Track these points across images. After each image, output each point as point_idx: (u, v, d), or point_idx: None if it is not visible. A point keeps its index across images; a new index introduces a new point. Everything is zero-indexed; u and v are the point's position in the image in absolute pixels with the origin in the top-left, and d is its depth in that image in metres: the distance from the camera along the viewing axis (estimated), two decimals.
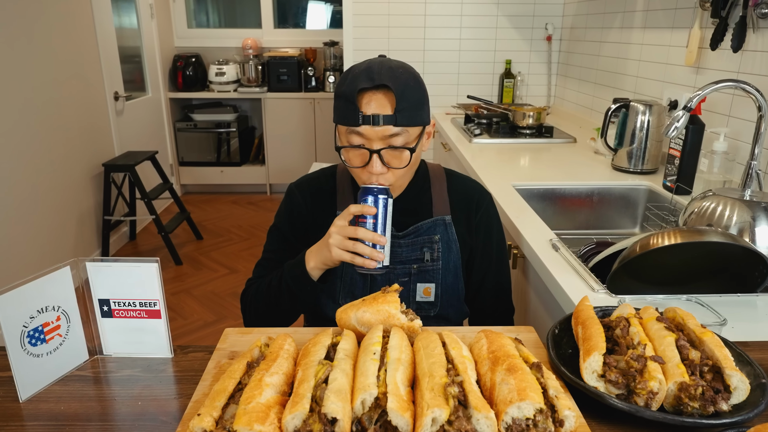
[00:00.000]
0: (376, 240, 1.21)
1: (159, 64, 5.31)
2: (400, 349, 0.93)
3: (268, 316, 1.41)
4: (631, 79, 2.84)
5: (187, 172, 5.72)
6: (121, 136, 4.52)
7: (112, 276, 1.04)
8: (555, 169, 2.42)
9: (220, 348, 1.09)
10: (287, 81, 5.49)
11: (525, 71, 4.08)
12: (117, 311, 1.07)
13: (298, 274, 1.33)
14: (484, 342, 0.97)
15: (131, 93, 4.76)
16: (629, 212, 2.20)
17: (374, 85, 1.23)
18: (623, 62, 2.93)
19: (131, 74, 4.87)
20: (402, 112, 1.23)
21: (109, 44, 4.38)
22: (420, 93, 1.28)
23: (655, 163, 2.31)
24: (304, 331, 1.15)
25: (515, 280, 1.83)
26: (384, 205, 1.22)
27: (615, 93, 3.00)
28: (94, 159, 4.11)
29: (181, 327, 3.40)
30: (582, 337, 0.98)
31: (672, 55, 2.46)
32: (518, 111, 3.12)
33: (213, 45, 5.76)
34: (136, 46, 5.00)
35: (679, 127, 1.63)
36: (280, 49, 5.74)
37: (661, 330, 0.96)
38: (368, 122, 1.23)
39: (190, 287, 3.90)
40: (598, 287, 1.31)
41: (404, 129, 1.25)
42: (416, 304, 1.44)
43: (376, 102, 1.23)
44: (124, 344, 1.09)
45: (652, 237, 1.28)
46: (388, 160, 1.27)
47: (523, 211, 1.86)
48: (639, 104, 2.28)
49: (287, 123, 5.57)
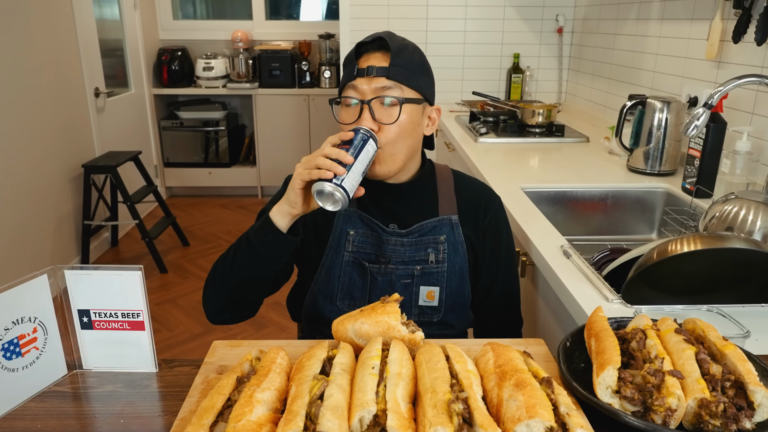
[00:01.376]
0: (341, 156, 1.19)
1: (143, 58, 5.32)
2: (401, 362, 0.93)
3: (224, 281, 1.35)
4: (648, 74, 2.84)
5: (173, 173, 5.72)
6: (102, 135, 4.52)
7: (92, 285, 1.04)
8: (566, 171, 2.42)
9: (208, 362, 1.09)
10: (280, 76, 5.50)
11: (534, 66, 4.09)
12: (98, 322, 1.07)
13: (262, 223, 1.29)
14: (491, 355, 0.97)
15: (113, 89, 4.76)
16: (646, 217, 2.21)
17: (372, 39, 1.34)
18: (639, 56, 2.94)
19: (113, 69, 4.88)
20: (396, 68, 1.32)
21: (90, 37, 4.39)
22: (420, 60, 1.37)
23: (673, 164, 2.32)
24: (297, 344, 1.16)
25: (524, 290, 1.83)
26: (363, 139, 1.24)
27: (631, 89, 3.01)
28: (73, 160, 4.12)
29: (167, 339, 3.39)
30: (595, 351, 0.99)
31: (691, 49, 2.47)
32: (527, 108, 3.12)
33: (200, 38, 5.77)
34: (118, 38, 5.01)
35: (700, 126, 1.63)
36: (272, 42, 5.75)
37: (680, 343, 0.97)
38: (362, 74, 1.32)
39: (176, 297, 3.90)
40: (612, 297, 1.32)
41: (398, 85, 1.32)
42: (418, 308, 1.44)
43: (373, 58, 1.34)
44: (105, 358, 1.09)
45: (670, 243, 1.28)
46: (379, 115, 1.32)
47: (533, 215, 1.87)
48: (656, 101, 2.29)
49: (280, 121, 5.58)
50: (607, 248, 1.76)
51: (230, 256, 1.34)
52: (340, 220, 1.44)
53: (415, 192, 1.46)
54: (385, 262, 1.42)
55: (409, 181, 1.46)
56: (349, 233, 1.44)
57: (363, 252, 1.43)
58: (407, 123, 1.34)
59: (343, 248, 1.44)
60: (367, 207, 1.45)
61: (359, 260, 1.43)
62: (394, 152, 1.36)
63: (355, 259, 1.43)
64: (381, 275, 1.42)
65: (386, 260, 1.42)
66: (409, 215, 1.44)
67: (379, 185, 1.44)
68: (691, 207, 1.98)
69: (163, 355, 3.11)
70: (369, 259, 1.43)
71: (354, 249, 1.43)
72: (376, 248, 1.43)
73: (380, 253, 1.43)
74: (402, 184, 1.45)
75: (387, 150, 1.34)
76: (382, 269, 1.42)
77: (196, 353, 3.23)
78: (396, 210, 1.45)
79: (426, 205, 1.46)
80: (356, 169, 1.21)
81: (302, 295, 1.51)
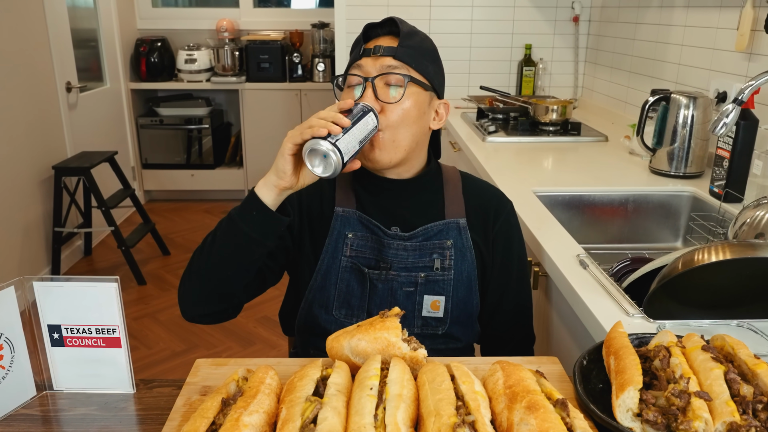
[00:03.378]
0: (337, 119, 1.19)
1: (119, 50, 5.33)
2: (402, 383, 0.93)
3: (202, 265, 1.31)
4: (672, 67, 2.85)
5: (152, 176, 5.73)
6: (74, 133, 4.53)
7: (63, 298, 1.05)
8: (583, 173, 2.43)
9: (190, 382, 1.09)
10: (269, 69, 5.52)
11: (548, 58, 4.10)
12: (70, 339, 1.07)
13: (246, 198, 1.28)
14: (500, 375, 0.97)
15: (86, 83, 4.77)
16: (670, 223, 2.21)
17: (382, 21, 1.40)
18: (663, 47, 2.95)
19: (86, 61, 4.89)
20: (405, 49, 1.36)
21: (61, 26, 4.40)
22: (430, 47, 1.43)
23: (700, 165, 2.32)
24: (288, 363, 1.16)
25: (536, 303, 1.83)
26: (363, 110, 1.26)
27: (653, 83, 3.01)
28: (42, 161, 4.12)
29: (145, 357, 3.39)
30: (615, 370, 0.99)
31: (720, 39, 2.47)
32: (540, 104, 3.13)
33: (182, 27, 5.78)
34: (92, 28, 5.02)
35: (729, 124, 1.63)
36: (260, 31, 5.77)
37: (707, 361, 0.97)
38: (368, 54, 1.37)
39: (156, 311, 3.89)
40: (633, 311, 1.32)
41: (405, 66, 1.36)
42: (422, 319, 1.44)
43: (381, 40, 1.39)
44: (77, 378, 1.09)
45: (696, 252, 1.28)
46: (383, 95, 1.35)
47: (546, 221, 1.87)
48: (681, 96, 2.29)
49: (269, 118, 5.59)
50: (627, 258, 1.76)
51: (209, 238, 1.32)
52: (338, 221, 1.44)
53: (420, 191, 1.46)
54: (386, 268, 1.42)
55: (413, 177, 1.46)
56: (348, 236, 1.44)
57: (362, 257, 1.44)
58: (412, 107, 1.36)
59: (341, 252, 1.44)
60: (367, 207, 1.46)
61: (358, 266, 1.43)
62: (396, 138, 1.37)
63: (353, 264, 1.43)
64: (381, 282, 1.42)
65: (387, 266, 1.42)
66: (412, 217, 1.44)
67: (379, 182, 1.44)
68: (719, 212, 1.99)
69: (141, 374, 3.11)
70: (368, 264, 1.43)
71: (352, 253, 1.44)
72: (376, 253, 1.43)
73: (381, 259, 1.43)
74: (405, 181, 1.45)
75: (389, 134, 1.35)
76: (382, 276, 1.42)
77: (177, 373, 3.23)
78: (398, 211, 1.45)
79: (431, 207, 1.46)
80: (353, 135, 1.21)
81: (295, 306, 1.51)
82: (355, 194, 1.47)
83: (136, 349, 3.45)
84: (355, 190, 1.48)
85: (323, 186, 1.48)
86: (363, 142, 1.25)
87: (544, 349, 1.81)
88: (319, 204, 1.48)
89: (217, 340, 3.55)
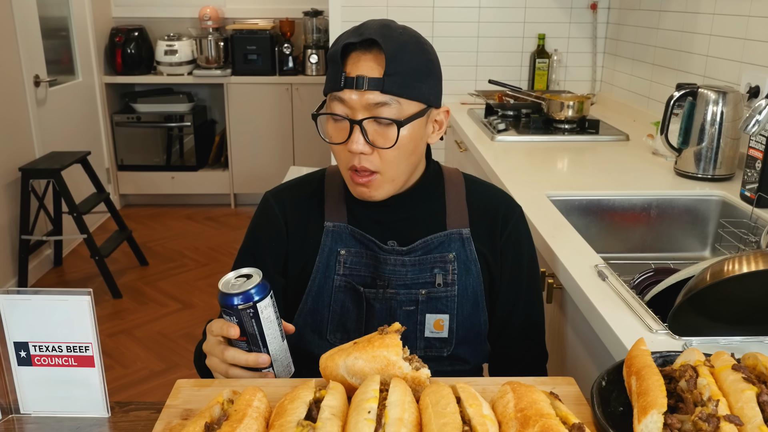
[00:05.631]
0: (251, 362, 1.20)
1: (92, 40, 5.33)
2: (403, 406, 0.93)
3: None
4: (700, 58, 2.86)
5: (129, 178, 5.73)
6: (43, 132, 4.53)
7: (31, 312, 1.05)
8: (601, 175, 2.43)
9: (170, 405, 1.09)
10: (257, 62, 5.52)
11: (563, 49, 4.11)
12: (38, 358, 1.07)
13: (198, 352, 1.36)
14: (511, 397, 0.97)
15: (56, 77, 4.77)
16: (697, 230, 2.21)
17: (361, 39, 1.29)
18: (689, 37, 2.96)
19: (57, 53, 4.89)
20: (392, 77, 1.28)
21: (28, 14, 4.40)
22: (422, 61, 1.33)
23: (730, 167, 2.32)
24: (278, 383, 1.16)
25: (550, 318, 1.83)
26: (253, 316, 1.17)
27: (679, 77, 3.02)
28: (8, 162, 4.12)
29: (121, 378, 3.38)
30: (637, 391, 0.99)
31: (752, 28, 2.48)
32: (554, 100, 3.14)
33: (161, 15, 5.78)
34: (63, 16, 5.03)
35: (762, 121, 1.64)
36: (247, 20, 5.78)
37: (738, 382, 0.97)
38: (351, 86, 1.29)
39: (132, 327, 3.89)
40: (656, 327, 1.32)
41: (395, 99, 1.29)
42: (425, 340, 1.44)
43: (364, 63, 1.30)
44: (47, 400, 1.09)
45: (726, 262, 1.29)
46: (373, 137, 1.31)
47: (561, 228, 1.87)
48: (710, 91, 2.30)
49: (257, 115, 5.59)
50: (650, 268, 1.76)
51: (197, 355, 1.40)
52: (328, 237, 1.44)
53: (419, 201, 1.46)
54: (383, 286, 1.42)
55: (410, 188, 1.46)
56: (340, 253, 1.44)
57: (357, 275, 1.44)
58: (407, 142, 1.34)
59: (333, 271, 1.44)
60: (360, 220, 1.45)
61: (352, 285, 1.43)
62: (395, 176, 1.37)
63: (347, 283, 1.43)
64: (379, 302, 1.42)
65: (384, 284, 1.42)
66: (410, 229, 1.44)
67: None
68: (751, 219, 1.99)
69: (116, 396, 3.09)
70: (364, 283, 1.43)
71: (346, 272, 1.44)
72: (372, 270, 1.43)
73: (377, 276, 1.43)
74: (401, 194, 1.45)
75: (384, 175, 1.35)
76: (379, 295, 1.42)
77: (156, 394, 3.22)
78: (395, 223, 1.45)
79: (431, 217, 1.46)
80: (274, 350, 1.21)
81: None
82: (347, 206, 1.47)
83: (111, 368, 3.44)
84: (347, 201, 1.47)
85: (311, 198, 1.49)
86: (281, 328, 1.23)
87: (559, 369, 1.81)
88: (307, 219, 1.48)
89: None
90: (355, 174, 1.35)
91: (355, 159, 1.32)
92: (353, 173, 1.35)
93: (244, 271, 1.20)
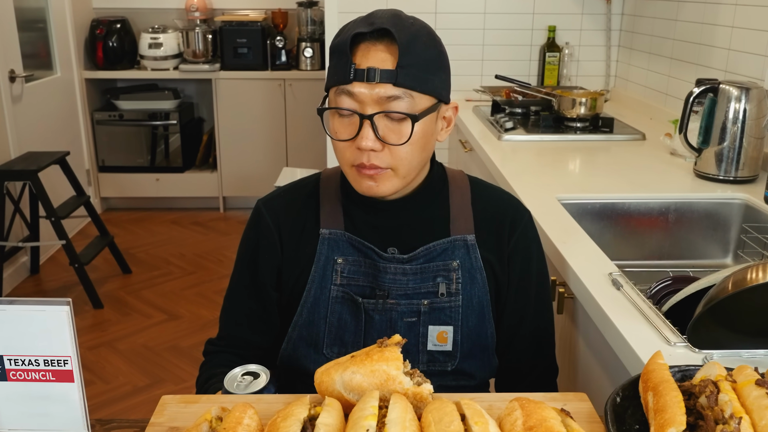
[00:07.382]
0: None
1: (71, 33, 5.33)
2: (403, 424, 0.93)
3: None
4: (721, 52, 2.86)
5: (110, 180, 5.73)
6: (18, 130, 4.53)
7: (6, 323, 1.05)
8: (616, 177, 2.43)
9: (155, 423, 1.09)
10: (247, 55, 5.53)
11: (575, 42, 4.11)
12: (13, 372, 1.07)
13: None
14: (519, 414, 0.97)
15: (33, 72, 4.77)
16: (718, 236, 2.21)
17: (373, 29, 1.29)
18: (710, 30, 2.96)
19: (33, 46, 4.90)
20: (406, 69, 1.28)
21: (3, 6, 4.40)
22: (435, 53, 1.34)
23: (753, 168, 2.32)
24: (270, 400, 1.16)
25: (561, 329, 1.83)
26: None
27: (699, 72, 3.02)
28: None
29: (102, 394, 3.38)
30: (653, 408, 0.99)
31: None
32: (565, 97, 3.14)
33: (145, 6, 5.79)
34: (40, 7, 5.03)
35: None
36: (237, 11, 5.78)
37: (762, 398, 0.97)
38: (361, 78, 1.28)
39: (114, 339, 3.89)
40: (675, 339, 1.32)
41: (407, 93, 1.29)
42: (428, 354, 1.44)
43: (374, 54, 1.30)
44: (23, 417, 1.09)
45: (749, 270, 1.29)
46: (384, 133, 1.31)
47: (572, 234, 1.88)
48: (732, 87, 2.30)
49: (248, 113, 5.59)
50: (668, 276, 1.76)
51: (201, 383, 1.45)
52: (324, 245, 1.44)
53: (421, 206, 1.46)
54: (383, 297, 1.42)
55: (412, 192, 1.46)
56: (337, 261, 1.44)
57: (355, 284, 1.44)
58: (420, 138, 1.34)
59: (330, 281, 1.44)
60: (358, 227, 1.45)
61: (350, 295, 1.43)
62: (407, 173, 1.37)
63: (344, 293, 1.44)
64: (378, 313, 1.42)
65: (384, 294, 1.42)
66: (412, 236, 1.45)
67: (372, 202, 1.44)
68: None
69: (97, 413, 3.10)
70: (362, 293, 1.43)
71: (343, 281, 1.44)
72: (371, 279, 1.43)
73: (376, 285, 1.43)
74: (403, 198, 1.45)
75: (396, 171, 1.35)
76: (379, 305, 1.42)
77: (139, 411, 3.22)
78: (395, 229, 1.45)
79: (434, 222, 1.47)
80: None
81: (278, 341, 1.51)
82: (344, 212, 1.47)
83: (91, 383, 3.44)
84: (344, 207, 1.47)
85: (305, 204, 1.50)
86: None
87: (570, 384, 1.81)
88: (301, 227, 1.48)
89: (186, 373, 3.55)
90: (362, 166, 1.34)
91: (364, 156, 1.32)
92: (359, 167, 1.34)
93: (251, 368, 1.24)
